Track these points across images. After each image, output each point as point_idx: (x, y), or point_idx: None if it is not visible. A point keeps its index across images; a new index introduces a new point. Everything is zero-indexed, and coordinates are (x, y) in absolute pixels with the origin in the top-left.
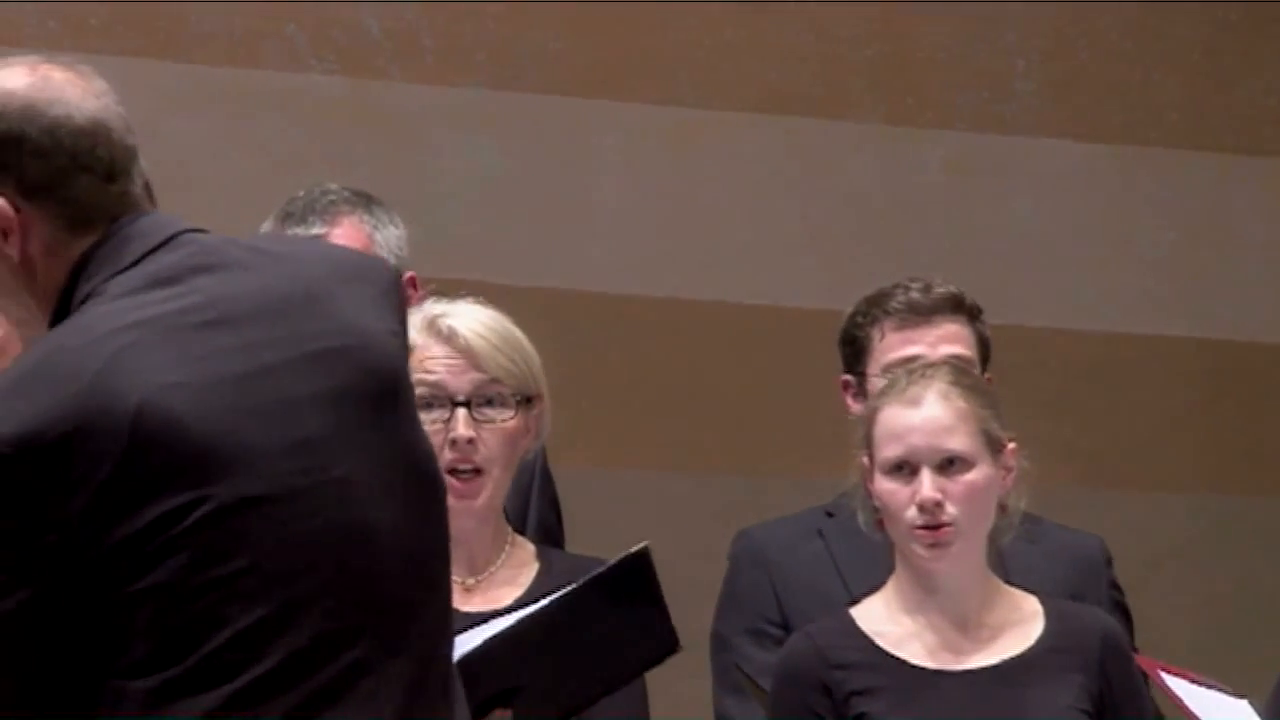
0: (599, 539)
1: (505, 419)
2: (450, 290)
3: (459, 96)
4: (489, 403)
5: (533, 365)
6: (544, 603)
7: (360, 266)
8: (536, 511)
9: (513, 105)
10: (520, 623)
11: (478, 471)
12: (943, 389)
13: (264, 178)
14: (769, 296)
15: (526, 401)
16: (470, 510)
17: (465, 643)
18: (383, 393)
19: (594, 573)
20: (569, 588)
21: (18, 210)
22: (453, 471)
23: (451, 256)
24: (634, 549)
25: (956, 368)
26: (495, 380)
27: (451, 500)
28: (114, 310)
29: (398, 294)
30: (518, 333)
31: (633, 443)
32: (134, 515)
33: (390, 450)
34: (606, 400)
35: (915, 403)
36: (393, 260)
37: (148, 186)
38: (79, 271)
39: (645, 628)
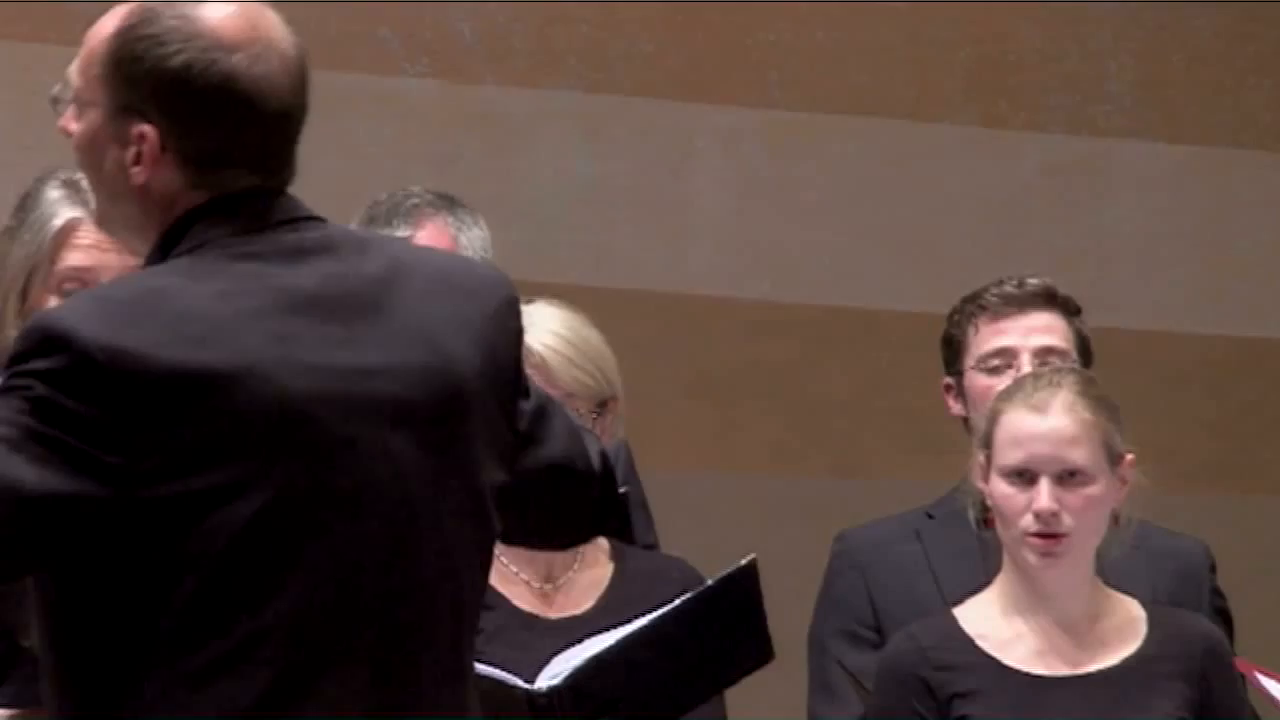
0: (700, 542)
1: None
2: (546, 294)
3: (551, 99)
4: None
5: (606, 370)
6: (654, 615)
7: (475, 284)
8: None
9: (605, 108)
10: (630, 636)
11: None
12: (1069, 399)
13: (356, 180)
14: (865, 299)
15: (601, 408)
16: None
17: (576, 655)
18: (454, 416)
19: (703, 586)
20: (678, 601)
21: (164, 150)
22: None
23: (545, 260)
24: (741, 562)
25: (1085, 377)
26: (570, 394)
27: None
28: (234, 271)
29: (508, 314)
30: (592, 336)
31: (732, 445)
32: (200, 473)
33: (450, 477)
34: (705, 403)
35: (1040, 410)
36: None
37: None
38: (195, 218)
39: (745, 638)
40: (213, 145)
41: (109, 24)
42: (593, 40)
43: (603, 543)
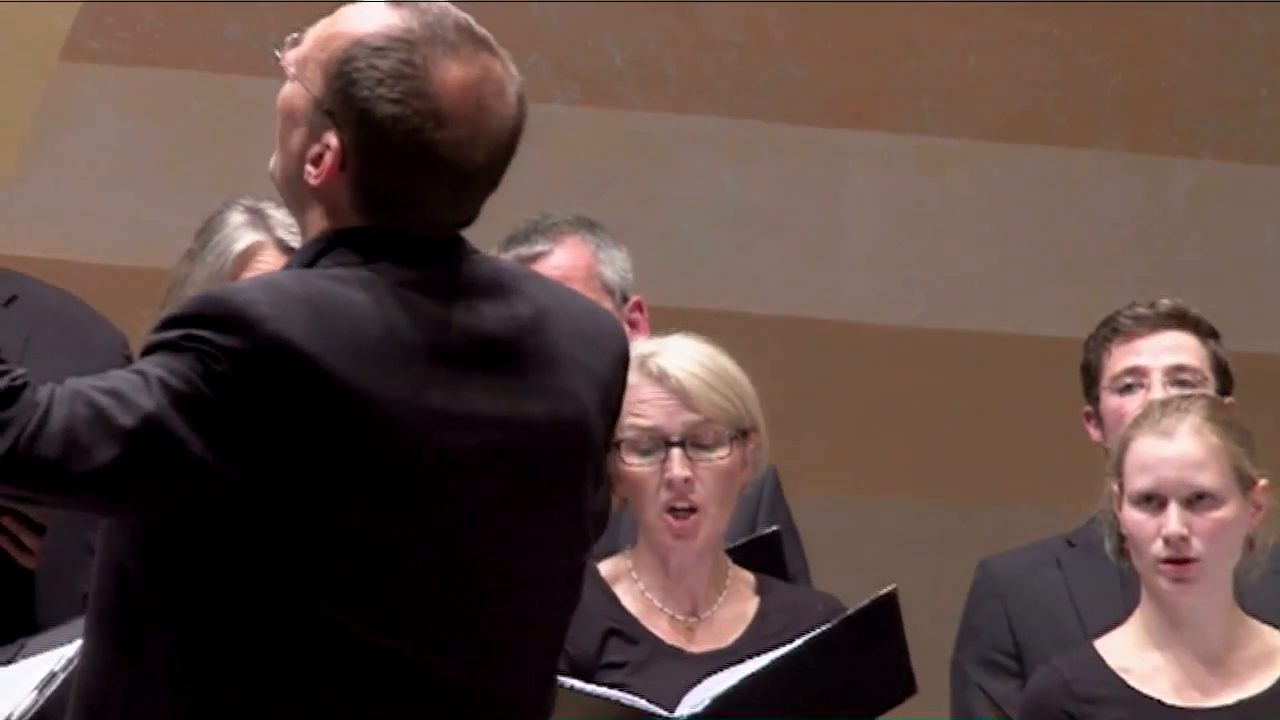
0: (844, 568)
1: (720, 457)
2: (696, 319)
3: (702, 125)
4: (703, 442)
5: (746, 399)
6: (793, 645)
7: (600, 334)
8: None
9: (756, 134)
10: (771, 664)
11: (694, 510)
12: (1196, 423)
13: (505, 206)
14: (1015, 324)
15: (741, 436)
16: (689, 549)
17: (717, 684)
18: (576, 469)
19: (843, 615)
20: (818, 630)
21: (343, 168)
22: (671, 511)
23: (695, 285)
24: (882, 592)
25: (1213, 402)
26: (709, 420)
27: (669, 539)
28: (396, 297)
29: (622, 367)
30: (730, 367)
31: (880, 471)
32: (322, 487)
33: (561, 527)
34: (853, 429)
35: (1168, 435)
36: (618, 280)
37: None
38: (360, 237)
39: (886, 669)
40: (386, 189)
41: (361, 23)
42: (743, 66)
43: (748, 576)
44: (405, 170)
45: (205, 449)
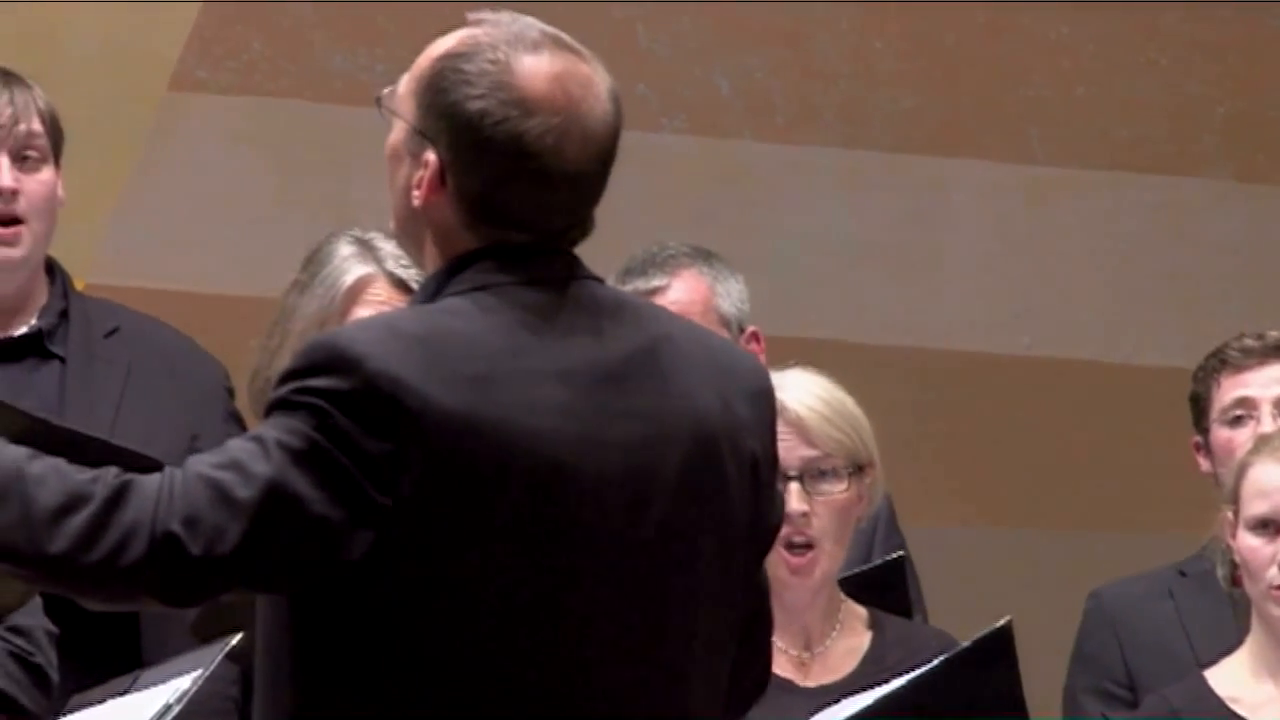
0: (955, 598)
1: (838, 491)
2: (802, 349)
3: (809, 155)
4: (821, 476)
5: (863, 434)
6: (908, 677)
7: (733, 364)
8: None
9: (863, 163)
10: (886, 697)
11: (810, 546)
12: None
13: (614, 236)
14: (1123, 353)
15: (858, 470)
16: (805, 584)
17: (832, 716)
18: (715, 493)
19: (959, 647)
20: (934, 662)
21: (442, 183)
22: (788, 546)
23: (802, 315)
24: (998, 624)
25: None
26: (827, 454)
27: (785, 574)
28: (516, 324)
29: (766, 403)
30: (848, 401)
31: (989, 501)
32: (456, 523)
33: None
34: (961, 459)
35: None
36: (734, 312)
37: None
38: (474, 259)
39: (1000, 701)
40: (485, 193)
41: (441, 45)
42: (851, 96)
43: (860, 611)
44: (500, 168)
45: (332, 505)
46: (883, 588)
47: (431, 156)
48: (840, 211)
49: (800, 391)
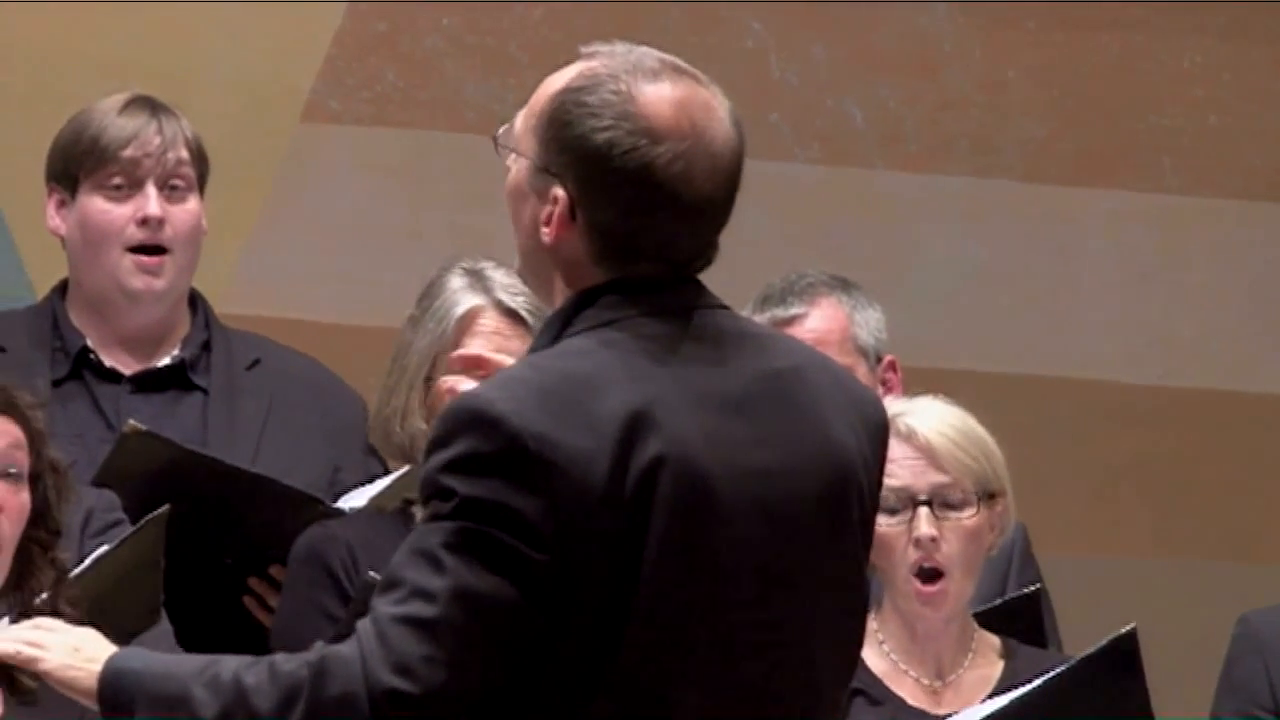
0: (1090, 628)
1: (967, 517)
2: (935, 378)
3: (941, 185)
4: (950, 502)
5: (993, 461)
6: (1034, 684)
7: (860, 397)
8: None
9: (996, 193)
10: (1011, 704)
11: (940, 575)
12: None
13: (747, 265)
14: (1258, 383)
15: (989, 497)
16: (937, 615)
17: None
18: (846, 525)
19: (1083, 653)
20: (1059, 668)
21: (573, 218)
22: (919, 574)
23: (934, 345)
24: (1122, 631)
25: None
26: (956, 480)
27: (917, 606)
28: (646, 359)
29: (884, 436)
30: (978, 429)
31: (1122, 530)
32: (617, 572)
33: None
34: (1095, 488)
35: None
36: (872, 342)
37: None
38: (600, 294)
39: (1128, 709)
40: (619, 226)
41: (558, 80)
42: (983, 126)
43: (993, 640)
44: (631, 198)
45: (509, 585)
46: (1018, 620)
47: (560, 192)
48: (972, 241)
49: (931, 418)
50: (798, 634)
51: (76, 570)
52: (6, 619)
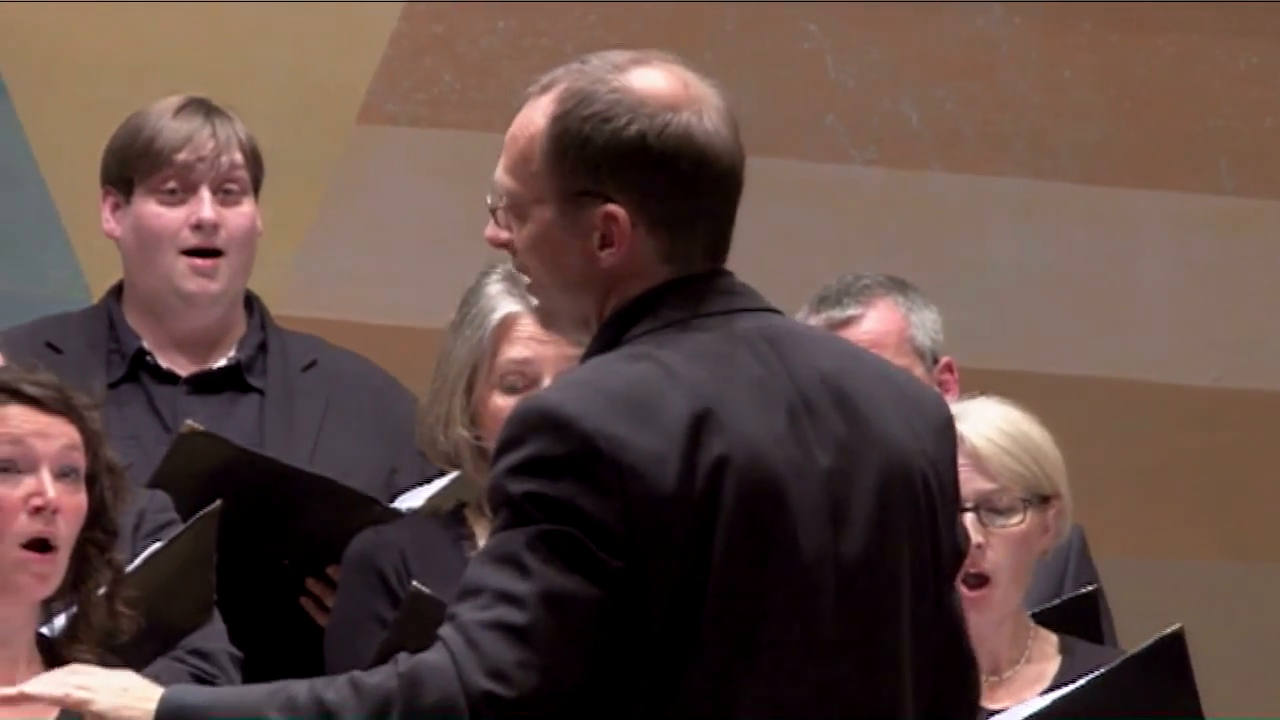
0: (1147, 629)
1: (1014, 524)
2: (991, 380)
3: (997, 186)
4: (996, 508)
5: (1045, 464)
6: (1079, 683)
7: (918, 395)
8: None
9: (1052, 194)
10: (1056, 703)
11: (985, 579)
12: None
13: (803, 267)
14: None
15: (1040, 501)
16: (984, 620)
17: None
18: (913, 523)
19: (1128, 653)
20: (1103, 668)
21: (633, 227)
22: (963, 579)
23: (991, 346)
24: (1167, 631)
25: None
26: (1003, 486)
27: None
28: (708, 359)
29: (950, 433)
30: (1032, 431)
31: (1178, 532)
32: (690, 574)
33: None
34: (1151, 490)
35: None
36: (929, 343)
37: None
38: (660, 296)
39: (1176, 709)
40: (683, 208)
41: (534, 119)
42: (1039, 127)
43: (1050, 636)
44: (683, 173)
45: (589, 584)
46: (1075, 621)
47: (610, 208)
48: (1028, 242)
49: (980, 423)
50: (872, 631)
51: (129, 568)
52: (62, 617)
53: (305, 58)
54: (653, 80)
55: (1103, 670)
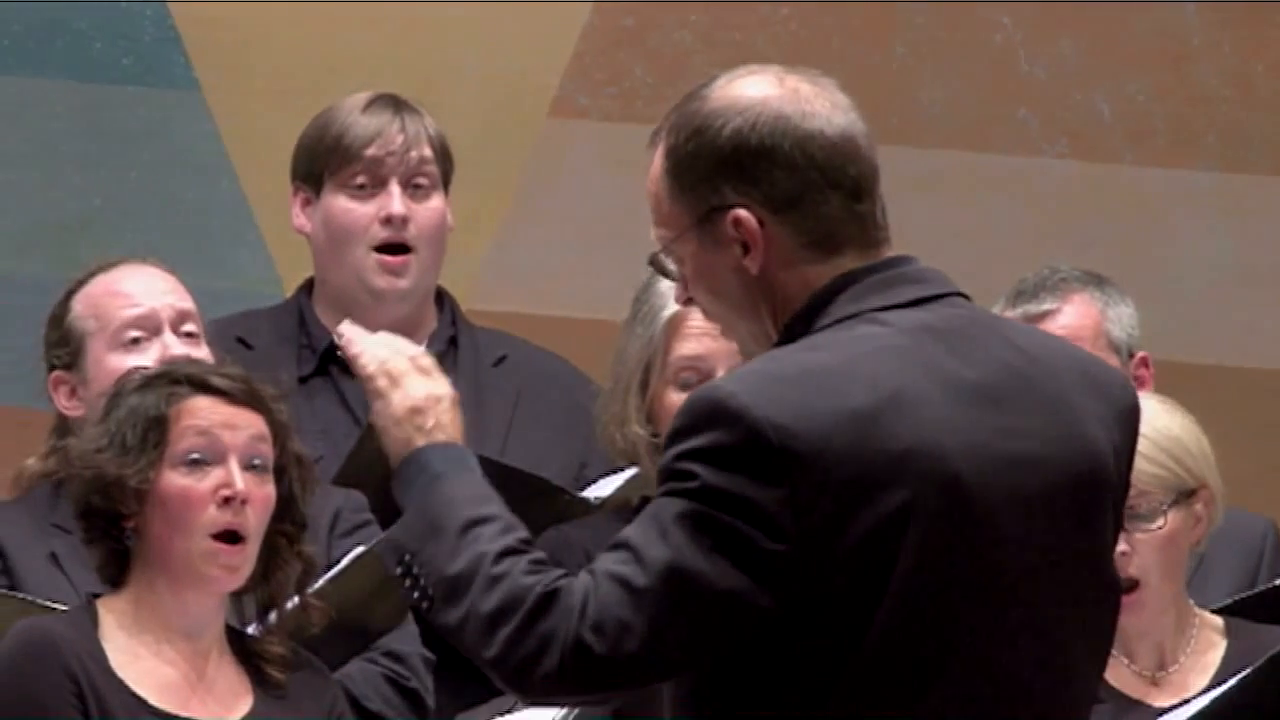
0: None
1: (1157, 527)
2: (1186, 374)
3: (1191, 179)
4: (1138, 514)
5: (1187, 459)
6: (1227, 685)
7: (1107, 382)
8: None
9: (1246, 187)
10: (1211, 704)
11: (1135, 586)
12: None
13: (995, 260)
14: None
15: (1186, 497)
16: (1136, 622)
17: None
18: (1095, 512)
19: (1274, 651)
20: (1252, 666)
21: (762, 224)
22: None
23: (1186, 340)
24: None
25: None
26: (1143, 492)
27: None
28: (887, 350)
29: (1134, 419)
30: (1174, 427)
31: None
32: (860, 566)
33: (1085, 571)
34: None
35: None
36: (1124, 338)
37: (883, 209)
38: (835, 292)
39: None
40: (799, 187)
41: (654, 165)
42: (1233, 120)
43: (1216, 622)
44: (791, 156)
45: (732, 573)
46: (1266, 613)
47: (736, 214)
48: (1221, 235)
49: None
50: (1051, 624)
51: (328, 574)
52: (253, 606)
53: (497, 53)
54: (743, 84)
55: (1246, 672)
